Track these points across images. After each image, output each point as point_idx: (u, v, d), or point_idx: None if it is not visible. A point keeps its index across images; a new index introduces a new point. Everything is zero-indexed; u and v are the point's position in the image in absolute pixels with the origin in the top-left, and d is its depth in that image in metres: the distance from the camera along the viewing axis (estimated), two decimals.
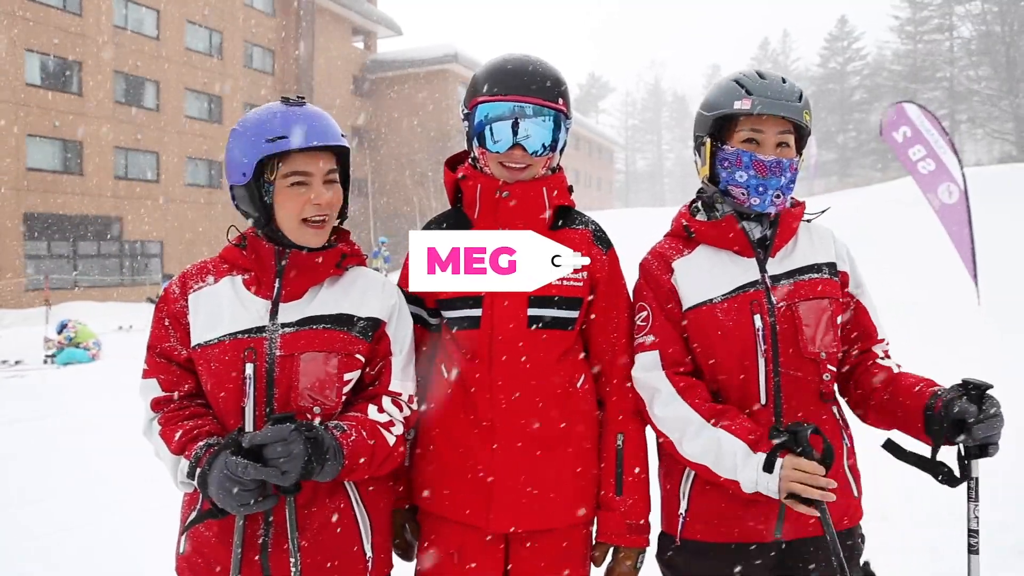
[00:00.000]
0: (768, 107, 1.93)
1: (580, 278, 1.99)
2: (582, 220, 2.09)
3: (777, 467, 1.77)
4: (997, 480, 4.69)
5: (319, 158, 1.81)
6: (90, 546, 4.28)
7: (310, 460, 1.59)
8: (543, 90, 1.93)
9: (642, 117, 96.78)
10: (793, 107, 1.93)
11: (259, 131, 1.77)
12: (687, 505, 2.03)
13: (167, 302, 1.88)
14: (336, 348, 1.82)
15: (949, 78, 54.27)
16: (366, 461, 1.75)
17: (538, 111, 1.93)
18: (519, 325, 1.95)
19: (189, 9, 29.60)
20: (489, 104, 1.94)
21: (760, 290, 1.96)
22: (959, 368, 5.76)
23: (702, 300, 1.99)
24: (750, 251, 1.99)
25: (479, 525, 1.94)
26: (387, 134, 40.78)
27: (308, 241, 1.84)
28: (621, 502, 1.98)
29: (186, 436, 1.75)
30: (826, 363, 1.96)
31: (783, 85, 1.97)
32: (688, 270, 2.03)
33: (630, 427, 2.02)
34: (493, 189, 1.98)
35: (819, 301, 1.96)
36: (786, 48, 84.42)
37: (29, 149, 23.98)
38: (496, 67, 1.97)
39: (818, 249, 2.05)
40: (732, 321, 1.95)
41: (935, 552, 3.86)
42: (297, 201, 1.79)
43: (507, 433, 1.94)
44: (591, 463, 2.02)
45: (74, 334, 12.59)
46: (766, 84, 1.96)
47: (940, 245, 10.82)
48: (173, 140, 28.97)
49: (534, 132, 1.93)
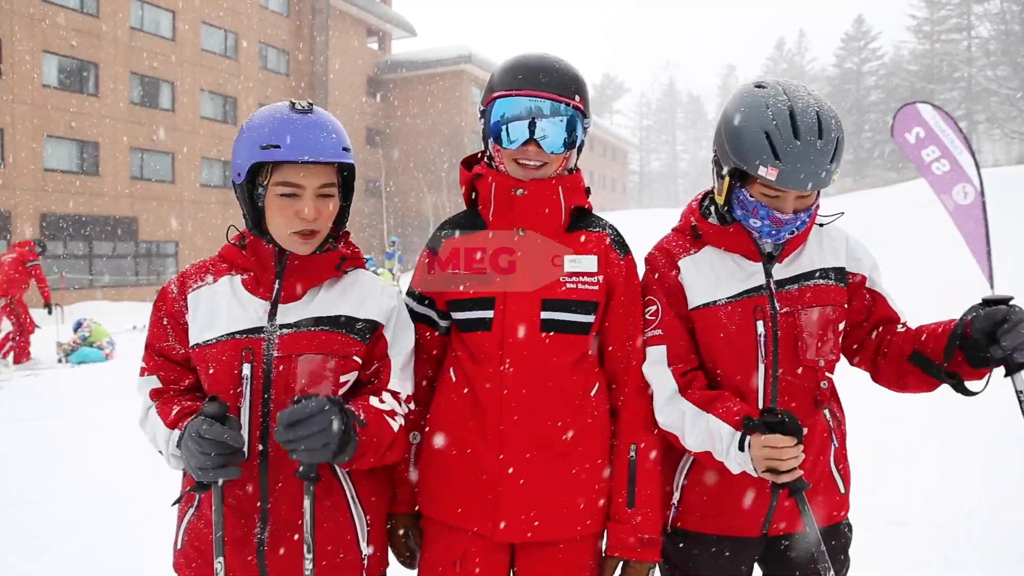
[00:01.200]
0: (795, 183, 1.78)
1: (596, 282, 1.94)
2: (600, 223, 2.04)
3: (746, 445, 1.79)
4: (1003, 488, 4.65)
5: (313, 171, 1.76)
6: (90, 546, 4.29)
7: (346, 432, 1.58)
8: (560, 86, 1.89)
9: (656, 118, 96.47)
10: (822, 178, 1.78)
11: (257, 135, 1.74)
12: (680, 496, 2.06)
13: (166, 301, 1.88)
14: (334, 350, 1.81)
15: (967, 78, 53.75)
16: (374, 446, 1.73)
17: (554, 108, 1.88)
18: (532, 328, 1.90)
19: (205, 10, 29.80)
20: (506, 100, 1.90)
21: (764, 295, 1.94)
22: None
23: (707, 301, 1.97)
24: (757, 256, 1.97)
25: (485, 534, 1.90)
26: (401, 135, 40.87)
27: (296, 250, 1.82)
28: (633, 515, 1.92)
29: (182, 412, 1.74)
30: (824, 370, 1.96)
31: (817, 147, 1.76)
32: (694, 269, 2.01)
33: (644, 437, 1.97)
34: (508, 186, 1.93)
35: (822, 309, 1.94)
36: (802, 48, 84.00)
37: (46, 150, 24.19)
38: (514, 63, 1.94)
39: (827, 253, 2.02)
40: (735, 325, 1.94)
41: (948, 558, 3.81)
42: (285, 212, 1.77)
43: (516, 440, 1.89)
44: (602, 474, 1.96)
45: (88, 333, 12.67)
46: (798, 149, 1.76)
47: (955, 247, 10.71)
48: (188, 141, 29.16)
49: (550, 129, 1.88)
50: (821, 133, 1.77)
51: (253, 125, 1.77)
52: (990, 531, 4.08)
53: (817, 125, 1.77)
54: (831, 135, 1.77)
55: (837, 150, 1.78)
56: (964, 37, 55.80)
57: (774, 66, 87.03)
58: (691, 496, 2.04)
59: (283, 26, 34.20)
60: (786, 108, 1.79)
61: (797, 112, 1.78)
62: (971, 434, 5.61)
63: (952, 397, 1.99)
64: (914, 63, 59.78)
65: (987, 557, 3.80)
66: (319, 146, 1.73)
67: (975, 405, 2.27)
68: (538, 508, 1.88)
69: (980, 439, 5.51)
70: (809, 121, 1.77)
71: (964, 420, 5.37)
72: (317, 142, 1.73)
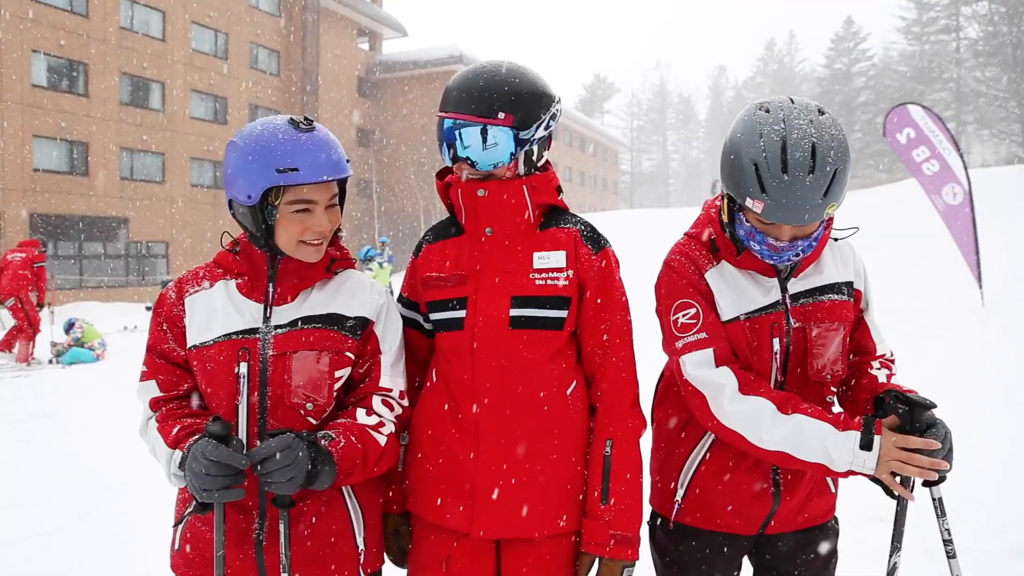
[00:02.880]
0: (780, 217, 1.77)
1: (566, 277, 1.94)
2: (571, 220, 2.04)
3: (876, 445, 1.76)
4: (993, 485, 4.69)
5: (323, 187, 1.83)
6: (86, 546, 4.30)
7: (314, 465, 1.65)
8: (480, 105, 1.88)
9: (647, 118, 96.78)
10: (809, 214, 1.75)
11: (268, 158, 1.76)
12: (684, 493, 2.08)
13: (164, 307, 1.93)
14: (327, 346, 1.87)
15: (956, 79, 54.13)
16: (359, 465, 1.78)
17: (475, 127, 1.90)
18: (501, 325, 1.92)
19: (195, 11, 29.70)
20: (441, 119, 1.95)
21: (780, 311, 1.96)
22: (962, 370, 5.74)
23: (732, 316, 1.97)
24: (772, 272, 1.97)
25: (463, 530, 1.92)
26: (392, 135, 40.88)
27: (307, 257, 1.88)
28: (606, 511, 1.91)
29: (183, 431, 1.78)
30: (830, 385, 2.01)
31: (806, 183, 1.72)
32: (721, 282, 2.00)
33: (620, 433, 1.95)
34: (472, 191, 1.96)
35: (832, 324, 1.96)
36: (792, 49, 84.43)
37: (35, 150, 24.08)
38: (452, 81, 1.97)
39: (839, 267, 2.03)
40: (756, 342, 1.96)
41: (930, 552, 3.84)
42: (299, 227, 1.83)
43: (490, 437, 1.91)
44: (577, 472, 1.97)
45: (81, 334, 12.66)
46: (784, 184, 1.73)
47: (944, 246, 10.80)
48: (179, 141, 29.07)
49: (473, 148, 1.91)
50: (814, 168, 1.72)
51: (261, 148, 1.78)
52: (981, 528, 4.12)
53: (811, 158, 1.72)
54: (825, 169, 1.72)
55: (833, 184, 1.73)
56: (953, 38, 56.19)
57: (764, 67, 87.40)
58: (696, 494, 2.07)
59: (274, 26, 34.13)
60: (779, 140, 1.75)
61: (790, 144, 1.74)
62: (970, 434, 5.66)
63: (943, 394, 2.03)
64: (903, 64, 60.18)
65: (997, 555, 3.84)
66: (332, 165, 1.80)
67: (967, 402, 2.30)
68: (514, 505, 1.90)
69: (978, 440, 5.55)
70: (800, 155, 1.73)
71: (957, 417, 5.41)
72: (330, 161, 1.80)
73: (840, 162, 1.74)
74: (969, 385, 6.63)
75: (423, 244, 2.12)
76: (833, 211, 1.78)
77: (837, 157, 1.74)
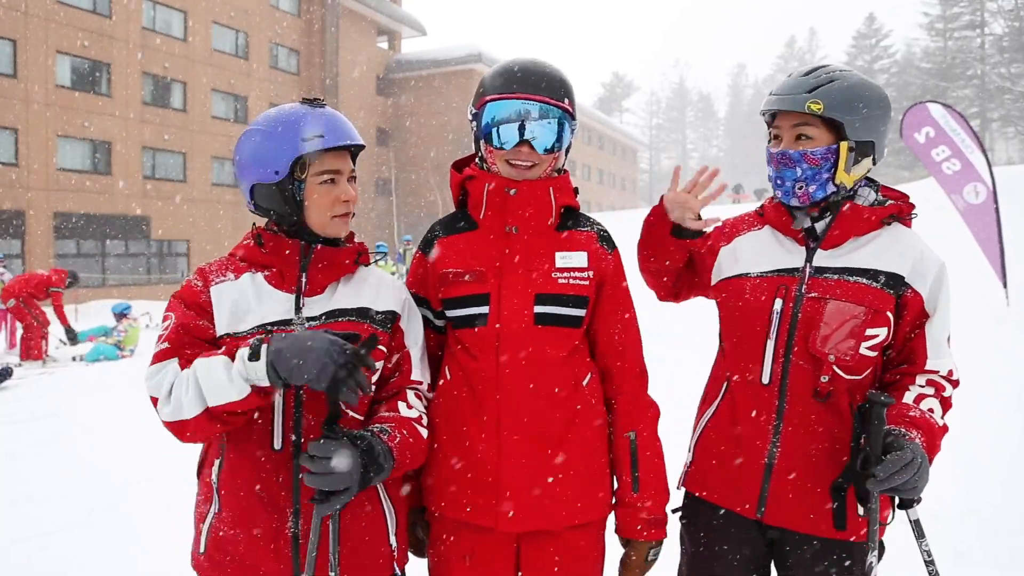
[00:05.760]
0: (771, 103, 2.02)
1: (586, 277, 2.01)
2: (588, 222, 2.12)
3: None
4: (996, 487, 4.65)
5: (345, 157, 1.90)
6: (87, 546, 4.30)
7: (367, 471, 1.64)
8: (549, 89, 1.96)
9: (667, 116, 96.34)
10: (792, 99, 1.96)
11: (293, 130, 1.81)
12: (691, 457, 2.20)
13: (190, 294, 1.85)
14: None
15: (980, 76, 53.31)
16: (408, 460, 1.81)
17: (544, 110, 1.95)
18: (527, 322, 1.96)
19: (216, 11, 29.95)
20: (497, 103, 1.96)
21: (795, 277, 2.00)
22: (987, 371, 5.67)
23: (739, 272, 2.10)
24: (800, 239, 2.04)
25: (488, 525, 1.95)
26: (411, 134, 40.91)
27: (337, 231, 1.91)
28: (639, 498, 2.01)
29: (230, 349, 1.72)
30: (831, 366, 1.93)
31: (802, 78, 1.99)
32: (745, 244, 2.14)
33: (641, 423, 2.05)
34: (501, 187, 2.00)
35: (851, 306, 1.91)
36: (812, 47, 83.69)
37: (59, 150, 24.38)
38: (503, 68, 2.01)
39: (892, 256, 1.95)
40: (754, 298, 2.03)
41: (958, 555, 3.82)
42: (328, 197, 1.86)
43: (513, 431, 1.94)
44: (599, 462, 2.03)
45: (124, 335, 12.68)
46: (787, 81, 2.02)
47: (968, 246, 10.65)
48: (200, 140, 29.33)
49: (539, 130, 1.95)
50: (815, 72, 1.99)
51: (284, 122, 1.83)
52: (1000, 529, 4.08)
53: (817, 70, 2.01)
54: (823, 76, 1.97)
55: (827, 88, 1.93)
56: (977, 34, 55.32)
57: (784, 64, 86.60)
58: (700, 459, 2.16)
59: (293, 26, 34.33)
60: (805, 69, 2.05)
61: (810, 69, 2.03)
62: (977, 433, 5.60)
63: (957, 394, 2.00)
64: (926, 60, 59.35)
65: (998, 555, 3.81)
66: (351, 131, 1.89)
67: (980, 403, 2.28)
68: (537, 498, 1.93)
69: (986, 438, 5.49)
70: (813, 69, 2.02)
71: (971, 418, 5.36)
72: (348, 128, 1.88)
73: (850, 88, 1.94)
74: (989, 383, 6.53)
75: (434, 239, 2.12)
76: (818, 109, 1.91)
77: (846, 85, 1.95)
